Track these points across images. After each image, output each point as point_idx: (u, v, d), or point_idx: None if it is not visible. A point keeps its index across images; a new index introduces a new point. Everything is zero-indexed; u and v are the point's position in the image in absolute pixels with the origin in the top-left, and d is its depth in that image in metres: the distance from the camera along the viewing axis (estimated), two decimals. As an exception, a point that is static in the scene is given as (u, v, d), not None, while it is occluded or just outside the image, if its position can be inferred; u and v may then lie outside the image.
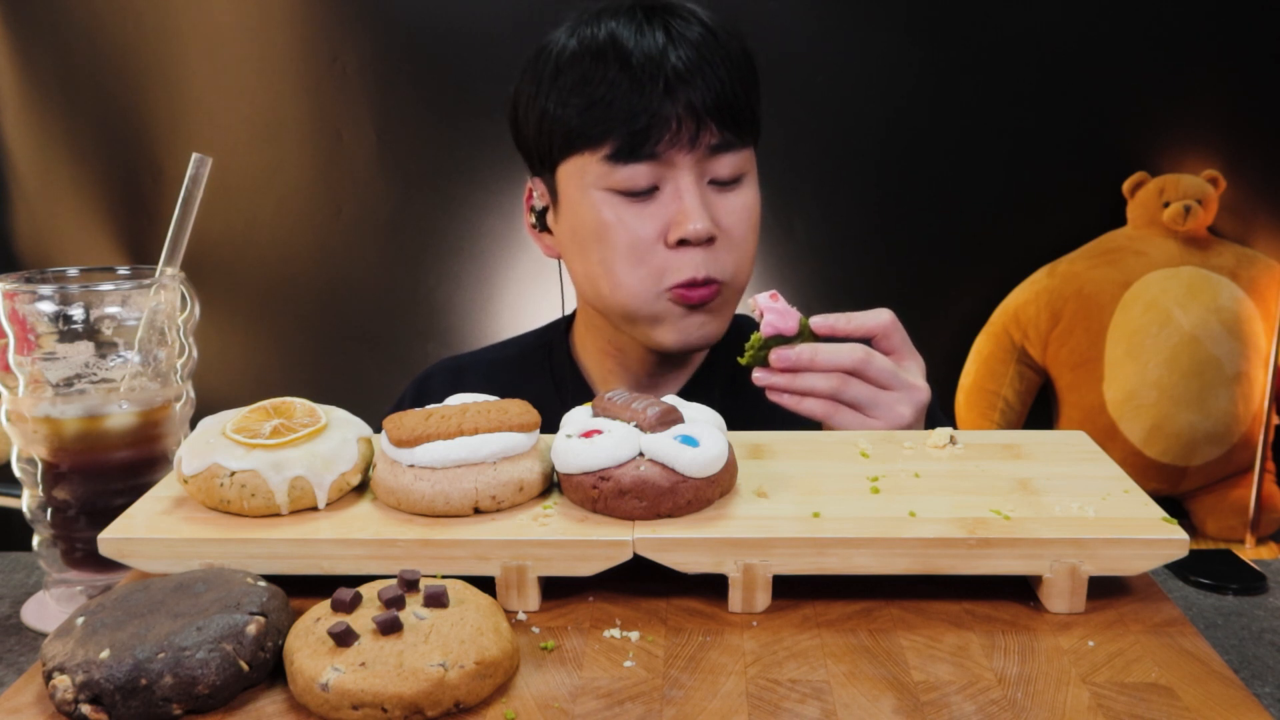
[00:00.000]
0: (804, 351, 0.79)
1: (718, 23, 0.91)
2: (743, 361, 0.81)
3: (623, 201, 0.89)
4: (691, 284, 0.89)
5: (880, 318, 0.82)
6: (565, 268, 0.99)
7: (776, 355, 0.79)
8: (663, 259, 0.89)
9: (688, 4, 0.92)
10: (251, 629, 0.51)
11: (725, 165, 0.90)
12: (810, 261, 2.15)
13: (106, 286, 0.73)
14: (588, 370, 1.05)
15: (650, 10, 0.89)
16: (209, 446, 0.62)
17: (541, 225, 0.99)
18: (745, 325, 0.99)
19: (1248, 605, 0.77)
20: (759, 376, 0.81)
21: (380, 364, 2.21)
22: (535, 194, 0.99)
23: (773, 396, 0.81)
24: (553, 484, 0.65)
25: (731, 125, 0.89)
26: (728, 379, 1.01)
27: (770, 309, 0.79)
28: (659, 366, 1.01)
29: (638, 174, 0.88)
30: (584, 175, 0.90)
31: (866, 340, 0.82)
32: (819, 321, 0.80)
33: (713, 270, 0.89)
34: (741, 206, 0.91)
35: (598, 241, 0.90)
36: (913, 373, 0.83)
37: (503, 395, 0.69)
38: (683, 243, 0.88)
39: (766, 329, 0.79)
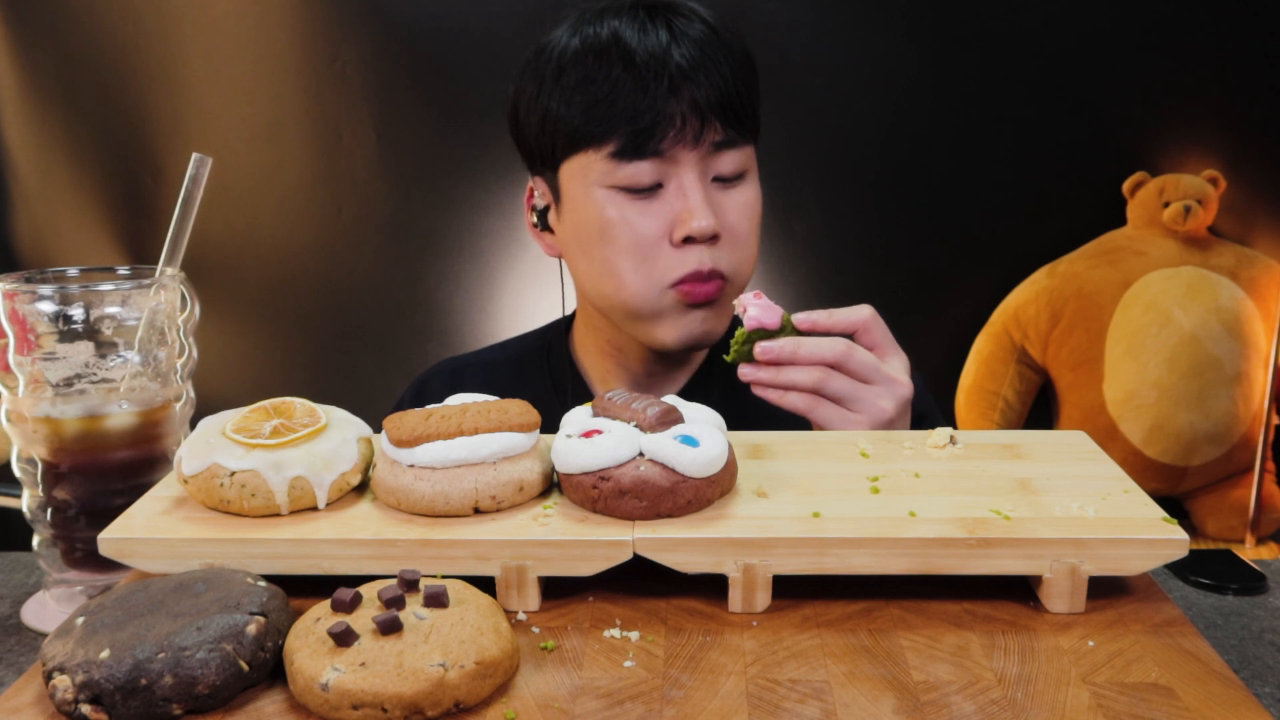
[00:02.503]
0: (786, 345, 0.80)
1: (719, 20, 0.91)
2: (728, 358, 0.82)
3: (626, 199, 0.89)
4: (697, 276, 0.89)
5: (861, 313, 0.83)
6: (566, 267, 0.99)
7: (760, 349, 0.80)
8: (667, 257, 0.90)
9: (688, 2, 0.92)
10: (251, 629, 0.51)
11: (728, 162, 0.90)
12: (810, 261, 2.15)
13: (106, 286, 0.73)
14: (587, 370, 1.05)
15: (652, 8, 0.89)
16: (209, 446, 0.62)
17: (543, 224, 0.99)
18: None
19: (1248, 605, 0.77)
20: (744, 371, 0.82)
21: (380, 364, 2.21)
22: (536, 193, 0.99)
23: (757, 391, 0.82)
24: (553, 484, 0.65)
25: (734, 122, 0.89)
26: (727, 379, 1.01)
27: (753, 304, 0.81)
28: (658, 366, 1.01)
29: (641, 171, 0.88)
30: (587, 173, 0.90)
31: (850, 336, 0.83)
32: (801, 317, 0.82)
33: (719, 264, 0.90)
34: (744, 203, 0.92)
35: (601, 240, 0.91)
36: (895, 368, 0.83)
37: (502, 396, 0.69)
38: (687, 240, 0.89)
39: (750, 323, 0.81)
